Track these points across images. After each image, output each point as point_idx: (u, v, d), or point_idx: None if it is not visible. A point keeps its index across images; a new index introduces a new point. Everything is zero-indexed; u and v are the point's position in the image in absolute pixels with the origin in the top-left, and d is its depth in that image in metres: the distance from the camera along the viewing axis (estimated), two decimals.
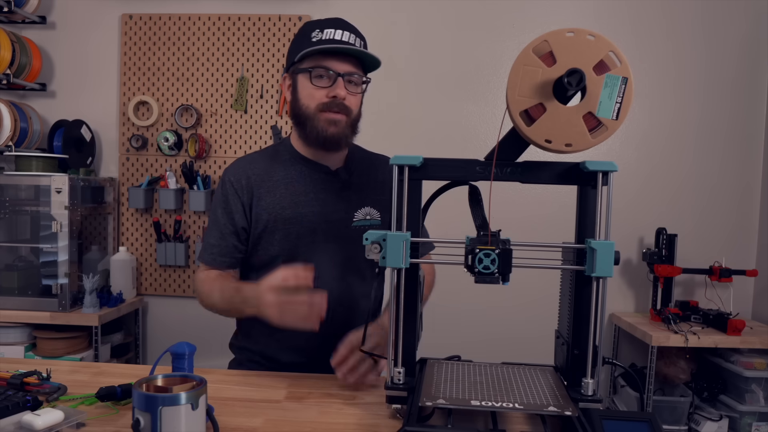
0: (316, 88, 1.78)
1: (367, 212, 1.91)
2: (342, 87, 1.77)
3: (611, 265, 1.26)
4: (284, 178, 1.89)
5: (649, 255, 3.39)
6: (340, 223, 1.87)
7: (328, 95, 1.77)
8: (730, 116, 3.56)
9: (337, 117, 1.79)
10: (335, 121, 1.78)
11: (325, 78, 1.77)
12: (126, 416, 1.40)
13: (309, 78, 1.78)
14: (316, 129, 1.79)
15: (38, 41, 3.70)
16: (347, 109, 1.80)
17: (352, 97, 1.81)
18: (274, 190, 1.88)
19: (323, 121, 1.78)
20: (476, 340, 3.48)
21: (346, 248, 1.87)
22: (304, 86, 1.80)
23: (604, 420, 1.25)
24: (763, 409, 3.04)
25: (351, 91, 1.80)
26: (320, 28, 1.78)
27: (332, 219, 1.87)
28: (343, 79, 1.78)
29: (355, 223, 1.89)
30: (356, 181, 1.93)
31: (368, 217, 1.91)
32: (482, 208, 1.37)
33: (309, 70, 1.78)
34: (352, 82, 1.81)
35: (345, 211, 1.89)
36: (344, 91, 1.78)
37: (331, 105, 1.77)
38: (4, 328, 3.21)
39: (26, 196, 3.40)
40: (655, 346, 3.07)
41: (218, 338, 2.07)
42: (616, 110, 1.23)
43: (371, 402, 1.56)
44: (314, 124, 1.79)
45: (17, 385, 1.51)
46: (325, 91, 1.78)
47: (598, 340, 1.31)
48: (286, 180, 1.89)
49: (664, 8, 3.53)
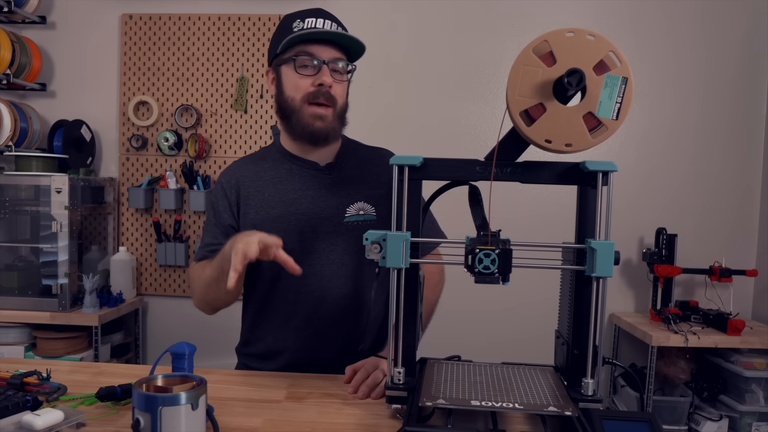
0: (301, 76, 1.76)
1: (360, 207, 1.87)
2: (327, 74, 1.75)
3: (611, 265, 1.26)
4: (273, 177, 1.88)
5: (649, 255, 3.39)
6: (331, 219, 1.84)
7: (314, 84, 1.75)
8: (730, 116, 3.56)
9: (323, 111, 1.77)
10: (321, 116, 1.77)
11: (310, 67, 1.75)
12: (126, 416, 1.40)
13: (293, 67, 1.76)
14: (301, 123, 1.78)
15: (38, 41, 3.70)
16: (333, 99, 1.78)
17: (338, 85, 1.78)
18: (262, 189, 1.87)
19: (309, 116, 1.77)
20: (476, 340, 3.49)
21: (339, 245, 1.85)
22: (289, 76, 1.79)
23: (604, 420, 1.25)
24: (763, 409, 3.05)
25: (336, 79, 1.78)
26: (301, 18, 1.77)
27: (323, 216, 1.84)
28: (328, 66, 1.75)
29: (348, 218, 1.85)
30: (348, 175, 1.90)
31: (361, 212, 1.87)
32: (482, 208, 1.37)
33: (293, 59, 1.76)
34: (337, 70, 1.78)
35: (336, 207, 1.86)
36: (330, 78, 1.75)
37: (318, 95, 1.75)
38: (4, 328, 3.21)
39: (26, 196, 3.40)
40: (655, 346, 3.07)
41: (218, 338, 2.08)
42: (616, 110, 1.23)
43: (371, 402, 1.56)
44: (300, 117, 1.78)
45: (17, 385, 1.52)
46: (311, 80, 1.75)
47: (598, 340, 1.32)
48: (275, 179, 1.88)
49: (664, 8, 3.53)
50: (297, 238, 1.83)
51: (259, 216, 1.85)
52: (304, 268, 1.74)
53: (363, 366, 1.68)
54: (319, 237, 1.85)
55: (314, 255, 1.85)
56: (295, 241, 1.83)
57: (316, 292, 1.85)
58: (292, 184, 1.87)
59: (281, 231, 1.83)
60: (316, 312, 1.86)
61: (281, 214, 1.84)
